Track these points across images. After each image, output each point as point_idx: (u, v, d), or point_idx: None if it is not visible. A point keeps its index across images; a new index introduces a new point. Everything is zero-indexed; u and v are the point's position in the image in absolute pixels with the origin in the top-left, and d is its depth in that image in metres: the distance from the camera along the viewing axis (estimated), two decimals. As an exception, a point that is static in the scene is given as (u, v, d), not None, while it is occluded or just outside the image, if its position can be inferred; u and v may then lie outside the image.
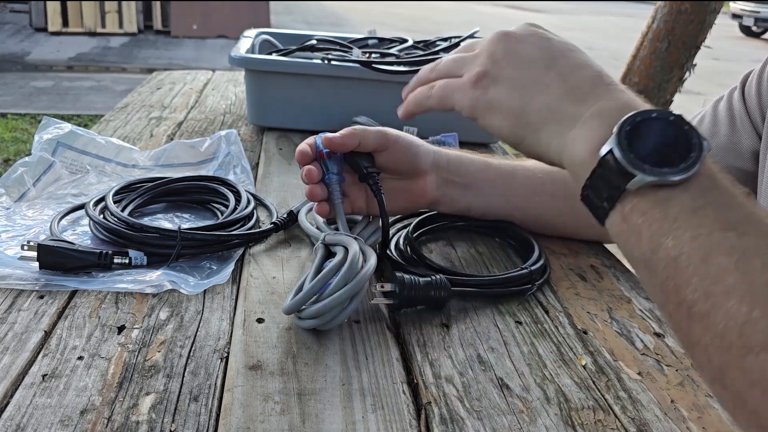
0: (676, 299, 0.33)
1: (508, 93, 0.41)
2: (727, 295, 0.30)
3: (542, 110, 0.40)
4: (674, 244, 0.33)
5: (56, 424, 0.40)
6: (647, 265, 0.35)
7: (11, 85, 4.56)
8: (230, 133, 0.88)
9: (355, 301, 0.52)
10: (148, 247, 0.60)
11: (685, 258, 0.32)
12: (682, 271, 0.32)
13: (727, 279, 0.31)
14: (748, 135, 0.65)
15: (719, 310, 0.31)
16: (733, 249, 0.31)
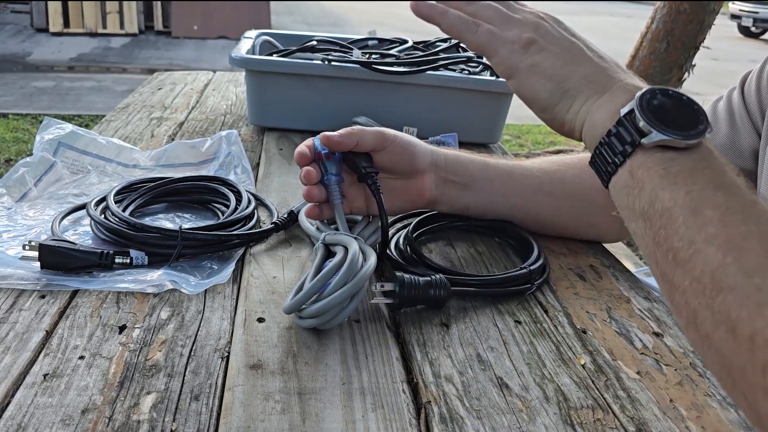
0: (665, 247, 0.37)
1: (552, 60, 0.45)
2: (707, 242, 0.35)
3: (580, 79, 0.44)
4: (670, 197, 0.37)
5: (57, 424, 0.40)
6: (644, 215, 0.39)
7: (12, 86, 4.56)
8: (231, 133, 0.88)
9: (355, 300, 0.52)
10: (149, 246, 0.60)
11: (677, 209, 0.37)
12: (674, 220, 0.37)
13: (710, 228, 0.35)
14: (748, 134, 0.65)
15: (699, 255, 0.35)
16: (719, 204, 0.36)
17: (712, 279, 0.34)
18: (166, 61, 5.63)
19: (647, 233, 0.39)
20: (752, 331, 0.32)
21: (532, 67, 0.45)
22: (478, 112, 1.06)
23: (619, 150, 0.40)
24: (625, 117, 0.40)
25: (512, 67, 0.46)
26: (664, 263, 0.37)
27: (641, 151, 0.40)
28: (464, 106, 1.05)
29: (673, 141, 0.38)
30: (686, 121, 0.39)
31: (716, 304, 0.33)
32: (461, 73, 1.07)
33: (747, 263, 0.33)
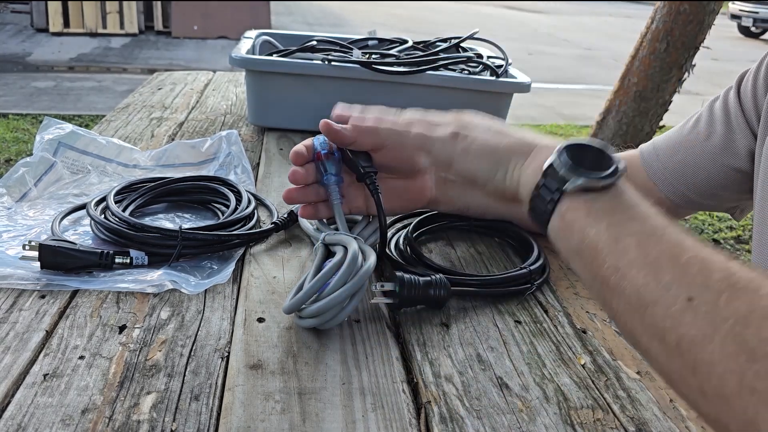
0: (599, 277, 0.41)
1: (479, 142, 0.52)
2: (629, 266, 0.39)
3: (506, 149, 0.51)
4: (595, 232, 0.42)
5: (57, 424, 0.40)
6: (578, 253, 0.44)
7: (12, 86, 4.57)
8: (231, 133, 0.88)
9: (355, 299, 0.52)
10: (149, 246, 0.60)
11: (602, 242, 0.41)
12: (600, 252, 0.41)
13: (630, 254, 0.40)
14: (744, 134, 0.65)
15: (624, 279, 0.39)
16: (635, 232, 0.41)
17: (638, 298, 0.38)
18: (166, 61, 5.63)
19: (583, 269, 0.43)
20: (677, 337, 0.36)
21: (464, 151, 0.52)
22: (478, 112, 1.06)
23: (549, 199, 0.45)
24: (548, 169, 0.45)
25: (448, 158, 0.52)
26: (601, 292, 0.42)
27: (567, 197, 0.45)
28: (464, 106, 1.04)
29: (591, 183, 0.44)
30: (600, 165, 0.44)
31: (646, 320, 0.38)
32: (461, 73, 1.07)
33: (663, 279, 0.38)
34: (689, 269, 0.37)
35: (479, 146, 0.51)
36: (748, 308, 0.34)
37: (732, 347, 0.33)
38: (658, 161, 0.71)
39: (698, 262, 0.37)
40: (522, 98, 1.18)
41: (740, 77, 0.68)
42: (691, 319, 0.35)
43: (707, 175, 0.68)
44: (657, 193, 0.71)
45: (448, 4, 12.29)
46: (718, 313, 0.34)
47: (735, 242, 3.01)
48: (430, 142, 0.52)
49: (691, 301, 0.36)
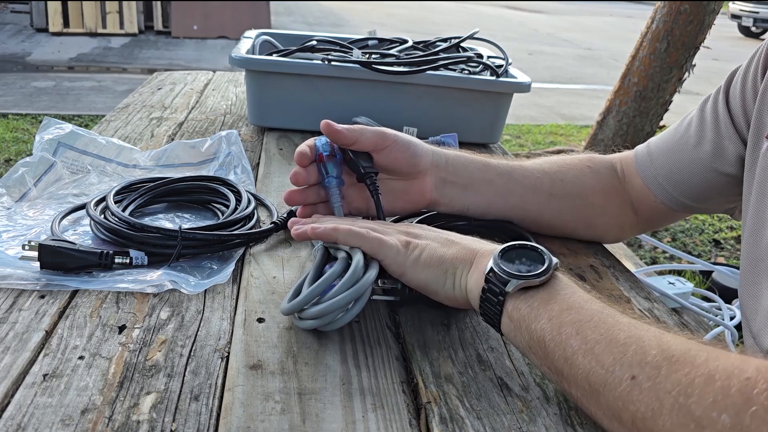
0: (553, 369, 0.44)
1: (428, 252, 0.54)
2: (575, 355, 0.42)
3: (452, 259, 0.53)
4: (539, 327, 0.45)
5: (57, 424, 0.40)
6: (530, 349, 0.46)
7: (12, 86, 4.56)
8: (231, 133, 0.88)
9: (359, 305, 0.52)
10: (149, 246, 0.60)
11: (547, 335, 0.44)
12: (548, 345, 0.44)
13: (573, 343, 0.42)
14: (732, 140, 0.64)
15: (573, 368, 0.42)
16: (573, 321, 0.43)
17: (589, 384, 0.41)
18: (166, 61, 5.63)
19: (539, 362, 0.46)
20: (631, 415, 0.38)
21: (415, 262, 0.53)
22: (478, 112, 1.06)
23: (494, 302, 0.48)
24: (488, 275, 0.48)
25: (401, 265, 0.54)
26: (559, 382, 0.44)
27: (510, 298, 0.47)
28: (464, 106, 1.05)
29: (528, 282, 0.47)
30: (535, 263, 0.48)
31: (601, 402, 0.40)
32: (461, 73, 1.07)
33: (605, 362, 0.40)
34: (627, 349, 0.39)
35: (427, 257, 0.53)
36: (688, 379, 0.36)
37: (680, 417, 0.35)
38: (651, 166, 0.71)
39: (634, 341, 0.40)
40: (522, 98, 1.19)
41: (728, 79, 0.67)
42: (637, 395, 0.38)
43: (699, 180, 0.67)
44: (652, 197, 0.71)
45: (448, 4, 12.29)
46: (661, 387, 0.37)
47: (735, 242, 3.01)
48: (386, 248, 0.54)
49: (634, 379, 0.38)
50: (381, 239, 0.54)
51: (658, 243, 1.56)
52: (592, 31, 10.38)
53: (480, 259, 0.51)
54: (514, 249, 0.50)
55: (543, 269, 0.47)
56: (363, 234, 0.55)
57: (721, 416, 0.34)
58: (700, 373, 0.36)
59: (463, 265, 0.52)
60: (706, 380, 0.35)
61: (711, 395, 0.35)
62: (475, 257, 0.52)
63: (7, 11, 7.24)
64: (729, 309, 1.64)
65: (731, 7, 10.68)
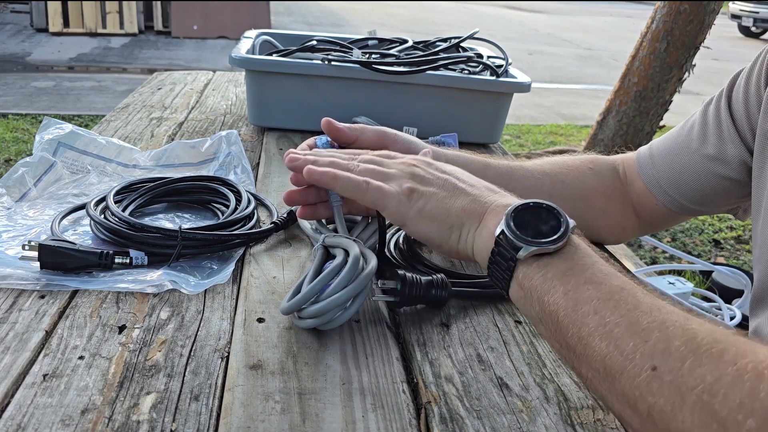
0: (565, 345, 0.41)
1: (433, 202, 0.51)
2: (591, 335, 0.39)
3: (459, 212, 0.50)
4: (553, 300, 0.42)
5: (57, 424, 0.40)
6: (540, 320, 0.43)
7: (12, 86, 4.56)
8: (231, 133, 0.88)
9: (357, 303, 0.52)
10: (149, 246, 0.60)
11: (561, 310, 0.41)
12: (561, 321, 0.41)
13: (590, 322, 0.39)
14: (734, 144, 0.64)
15: (588, 348, 0.39)
16: (591, 298, 0.40)
17: (604, 368, 0.38)
18: (166, 61, 5.63)
19: (549, 335, 0.43)
20: (648, 406, 0.36)
21: (418, 213, 0.51)
22: (478, 112, 1.06)
23: (504, 267, 0.45)
24: (499, 237, 0.45)
25: (402, 217, 0.51)
26: (570, 359, 0.42)
27: (521, 264, 0.44)
28: (464, 106, 1.05)
29: (543, 249, 0.43)
30: (550, 228, 0.44)
31: (615, 388, 0.38)
32: (461, 73, 1.07)
33: (625, 348, 0.37)
34: (650, 336, 0.37)
35: (432, 208, 0.50)
36: (713, 376, 0.34)
37: (702, 416, 0.33)
38: (653, 169, 0.70)
39: (657, 327, 0.37)
40: (522, 98, 1.19)
41: (731, 83, 0.66)
42: (657, 388, 0.35)
43: (701, 184, 0.67)
44: (653, 200, 0.71)
45: (448, 4, 12.29)
46: (683, 382, 0.34)
47: (735, 242, 3.01)
48: (387, 198, 0.51)
49: (655, 370, 0.36)
50: (382, 189, 0.51)
51: (658, 243, 1.56)
52: (592, 31, 10.38)
53: (490, 217, 0.48)
54: (529, 209, 0.45)
55: (559, 234, 0.43)
56: (362, 185, 0.52)
57: (747, 420, 0.32)
58: (728, 371, 0.33)
59: (470, 221, 0.49)
60: (733, 380, 0.33)
61: (738, 397, 0.32)
62: (485, 213, 0.48)
63: (7, 11, 7.24)
64: (729, 309, 1.64)
65: (731, 7, 10.68)
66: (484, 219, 0.48)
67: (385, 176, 0.53)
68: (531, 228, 0.44)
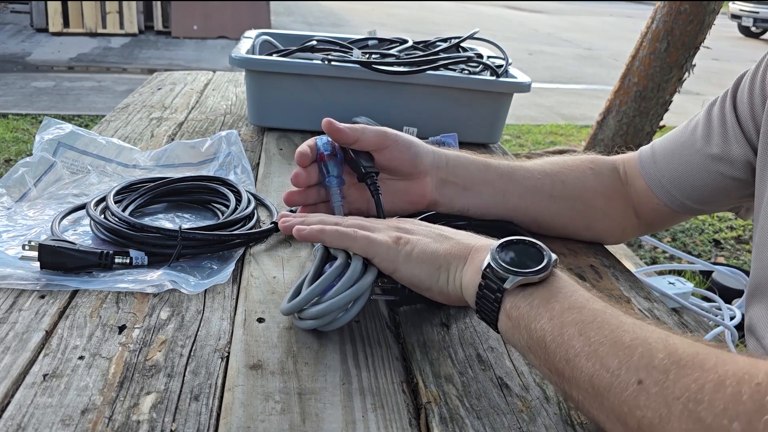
0: (554, 370, 0.42)
1: (420, 247, 0.52)
2: (577, 357, 0.40)
3: (446, 254, 0.52)
4: (540, 327, 0.43)
5: (57, 424, 0.40)
6: (529, 348, 0.44)
7: (12, 86, 4.56)
8: (231, 133, 0.88)
9: (358, 305, 0.52)
10: (149, 246, 0.60)
11: (548, 335, 0.42)
12: (549, 345, 0.42)
13: (575, 344, 0.41)
14: (740, 145, 0.64)
15: (576, 370, 0.40)
16: (576, 321, 0.42)
17: (592, 387, 0.39)
18: (166, 61, 5.63)
19: (539, 363, 0.44)
20: (637, 420, 0.37)
21: (407, 258, 0.52)
22: (478, 112, 1.06)
23: (492, 299, 0.46)
24: (486, 271, 0.47)
25: (393, 262, 0.52)
26: (560, 384, 0.43)
27: (508, 295, 0.46)
28: (464, 106, 1.05)
29: (528, 278, 0.45)
30: (534, 260, 0.46)
31: (605, 406, 0.39)
32: (461, 73, 1.07)
33: (611, 365, 0.38)
34: (633, 352, 0.38)
35: (420, 252, 0.52)
36: (697, 384, 0.35)
37: (689, 424, 0.34)
38: (655, 168, 0.70)
39: (640, 344, 0.38)
40: (522, 98, 1.19)
41: (735, 84, 0.67)
42: (644, 401, 0.36)
43: (704, 183, 0.67)
44: (655, 200, 0.71)
45: (448, 4, 12.29)
46: (669, 393, 0.35)
47: (735, 242, 3.01)
48: (375, 246, 0.52)
49: (641, 384, 0.37)
50: (369, 237, 0.53)
51: (658, 243, 1.56)
52: (592, 31, 10.38)
53: (475, 254, 0.50)
54: (512, 244, 0.48)
55: (543, 265, 0.46)
56: (350, 234, 0.53)
57: (733, 424, 0.33)
58: (710, 378, 0.35)
59: (457, 261, 0.51)
60: (716, 386, 0.34)
61: (722, 402, 0.34)
62: (470, 252, 0.51)
63: (7, 11, 7.24)
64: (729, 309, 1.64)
65: (731, 7, 10.68)
66: (470, 257, 0.50)
67: (371, 230, 0.55)
68: (516, 261, 0.46)
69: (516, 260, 0.47)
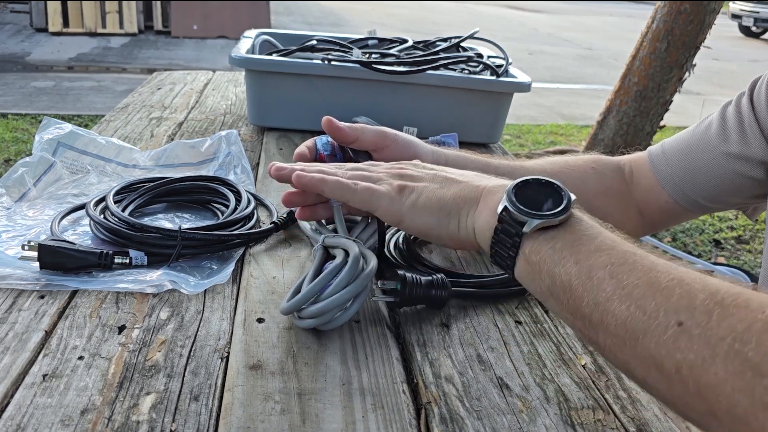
0: (579, 315, 0.40)
1: (426, 194, 0.50)
2: (608, 300, 0.38)
3: (455, 198, 0.49)
4: (564, 271, 0.41)
5: (57, 424, 0.40)
6: (551, 294, 0.42)
7: (12, 86, 4.56)
8: (230, 133, 0.88)
9: (357, 303, 0.52)
10: (149, 247, 0.60)
11: (574, 279, 0.40)
12: (575, 290, 0.40)
13: (606, 287, 0.39)
14: (758, 143, 0.64)
15: (607, 314, 0.38)
16: (605, 264, 0.40)
17: (626, 330, 0.37)
18: (165, 61, 5.63)
19: (561, 308, 0.42)
20: (676, 364, 0.35)
21: (413, 207, 0.50)
22: (478, 112, 1.06)
23: (509, 244, 0.44)
24: (502, 214, 0.44)
25: (397, 213, 0.50)
26: (585, 329, 0.41)
27: (527, 239, 0.43)
28: (464, 106, 1.05)
29: (548, 221, 0.43)
30: (553, 201, 0.44)
31: (638, 351, 0.37)
32: (461, 73, 1.07)
33: (647, 307, 0.36)
34: (672, 293, 0.36)
35: (425, 200, 0.49)
36: (743, 324, 0.33)
37: (736, 365, 0.33)
38: (667, 165, 0.70)
39: (678, 284, 0.37)
40: (522, 98, 1.18)
41: (753, 84, 0.67)
42: (686, 343, 0.35)
43: (718, 181, 0.67)
44: (665, 196, 0.71)
45: (448, 4, 12.29)
46: (713, 333, 0.34)
47: (735, 242, 3.01)
48: (377, 198, 0.50)
49: (682, 326, 0.35)
50: (371, 189, 0.51)
51: (659, 243, 1.56)
52: (593, 31, 10.38)
53: (488, 196, 0.47)
54: (529, 185, 0.45)
55: (563, 207, 0.43)
56: (351, 186, 0.51)
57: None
58: (757, 318, 0.33)
59: (468, 205, 0.48)
60: (764, 326, 0.32)
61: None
62: (482, 194, 0.48)
63: (6, 11, 7.24)
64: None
65: (731, 6, 10.68)
66: (481, 200, 0.48)
67: (372, 179, 0.52)
68: (533, 203, 0.43)
69: (533, 201, 0.44)
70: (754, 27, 10.55)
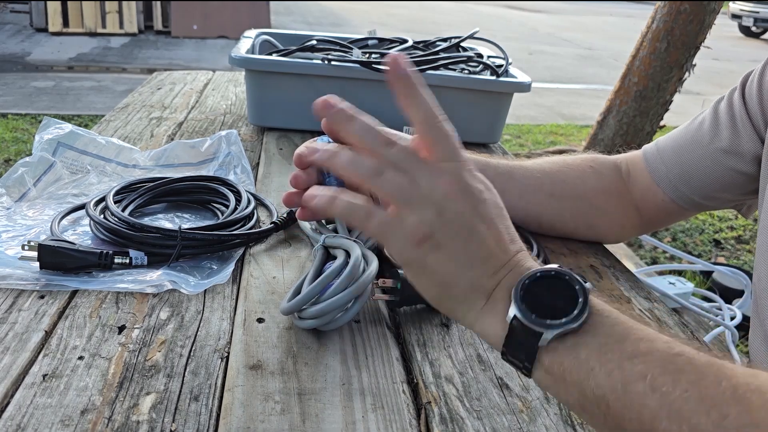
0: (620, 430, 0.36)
1: (443, 265, 0.41)
2: (655, 419, 0.34)
3: (466, 286, 0.41)
4: (596, 384, 0.36)
5: (57, 424, 0.40)
6: (583, 408, 0.37)
7: (12, 86, 4.56)
8: (230, 133, 0.88)
9: (358, 304, 0.52)
10: (149, 247, 0.60)
11: (610, 394, 0.35)
12: (612, 406, 0.35)
13: (649, 403, 0.34)
14: (750, 138, 0.64)
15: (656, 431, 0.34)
16: (641, 374, 0.35)
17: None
18: (165, 61, 5.63)
19: (595, 421, 0.38)
20: None
21: (423, 268, 0.41)
22: (478, 112, 1.06)
23: (523, 356, 0.39)
24: (513, 323, 0.38)
25: (406, 262, 0.42)
26: None
27: (545, 350, 0.38)
28: (464, 106, 1.05)
29: (567, 329, 0.37)
30: (569, 301, 0.37)
31: None
32: (461, 72, 1.07)
33: (700, 428, 0.33)
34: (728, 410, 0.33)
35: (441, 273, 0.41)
36: None
37: None
38: (662, 164, 0.70)
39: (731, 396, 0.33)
40: (522, 98, 1.18)
41: (744, 79, 0.67)
42: None
43: (711, 178, 0.67)
44: (661, 194, 0.71)
45: (448, 4, 12.29)
46: None
47: (736, 242, 3.01)
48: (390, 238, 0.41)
49: None
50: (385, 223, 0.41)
51: (659, 243, 1.56)
52: (593, 31, 10.38)
53: (499, 294, 0.40)
54: (536, 282, 0.39)
55: (580, 307, 0.37)
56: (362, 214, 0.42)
57: None
58: None
59: (474, 297, 0.41)
60: None
61: None
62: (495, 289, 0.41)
63: (6, 11, 7.24)
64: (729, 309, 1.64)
65: (731, 6, 10.68)
66: (492, 299, 0.41)
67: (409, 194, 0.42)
68: (546, 305, 0.38)
69: (545, 303, 0.38)
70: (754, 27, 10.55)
